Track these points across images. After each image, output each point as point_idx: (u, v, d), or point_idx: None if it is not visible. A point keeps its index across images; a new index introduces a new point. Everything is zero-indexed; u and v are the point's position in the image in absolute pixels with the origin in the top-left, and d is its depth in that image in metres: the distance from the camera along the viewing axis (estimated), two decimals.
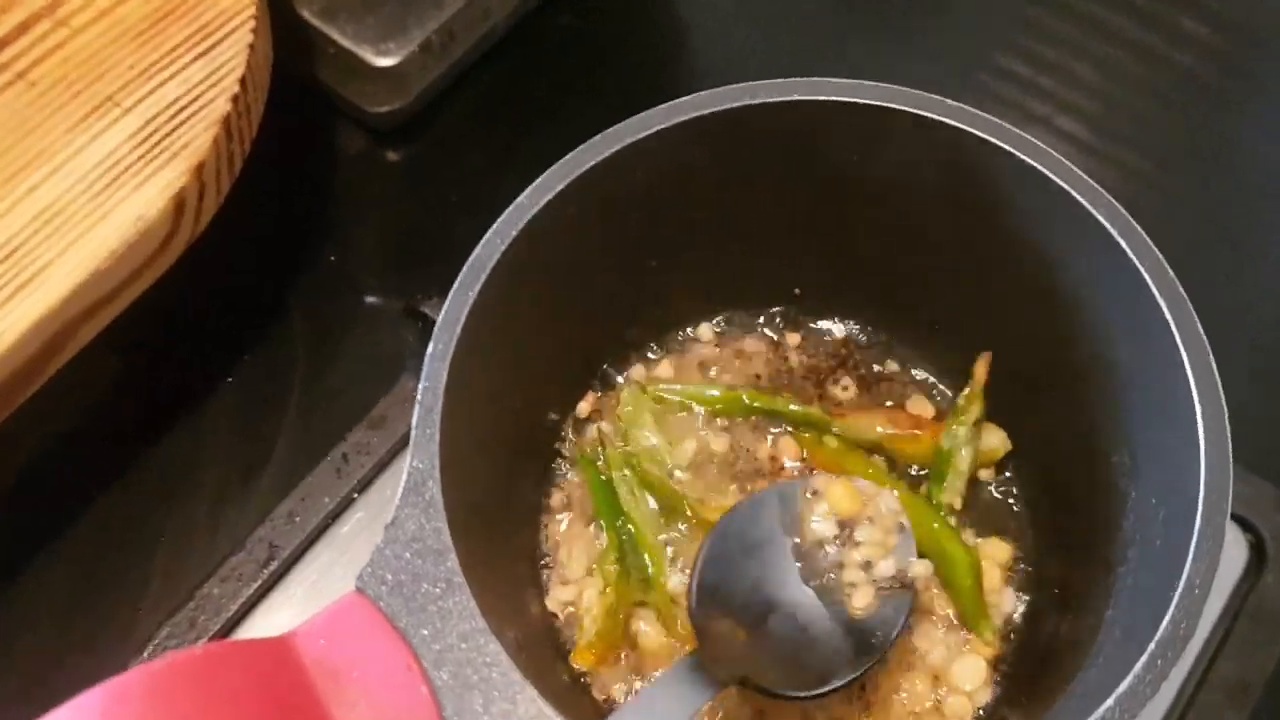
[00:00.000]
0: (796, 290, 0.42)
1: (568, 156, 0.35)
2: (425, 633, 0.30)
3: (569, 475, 0.42)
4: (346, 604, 0.30)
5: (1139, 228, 0.34)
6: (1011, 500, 0.41)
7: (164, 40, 0.45)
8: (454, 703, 0.29)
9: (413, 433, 0.32)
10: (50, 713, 0.26)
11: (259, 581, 0.44)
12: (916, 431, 0.42)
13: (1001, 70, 0.56)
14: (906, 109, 0.35)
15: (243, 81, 0.44)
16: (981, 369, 0.41)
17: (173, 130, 0.43)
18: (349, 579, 0.45)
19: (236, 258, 0.50)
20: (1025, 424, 0.40)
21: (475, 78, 0.55)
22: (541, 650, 0.37)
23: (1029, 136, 0.35)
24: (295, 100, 0.51)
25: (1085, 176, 0.35)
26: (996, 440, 0.41)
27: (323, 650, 0.29)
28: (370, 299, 0.51)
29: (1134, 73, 0.56)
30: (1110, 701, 0.28)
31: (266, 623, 0.44)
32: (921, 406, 0.43)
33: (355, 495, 0.46)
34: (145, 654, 0.43)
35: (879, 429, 0.42)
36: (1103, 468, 0.36)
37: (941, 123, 0.35)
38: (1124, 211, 0.34)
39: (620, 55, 0.57)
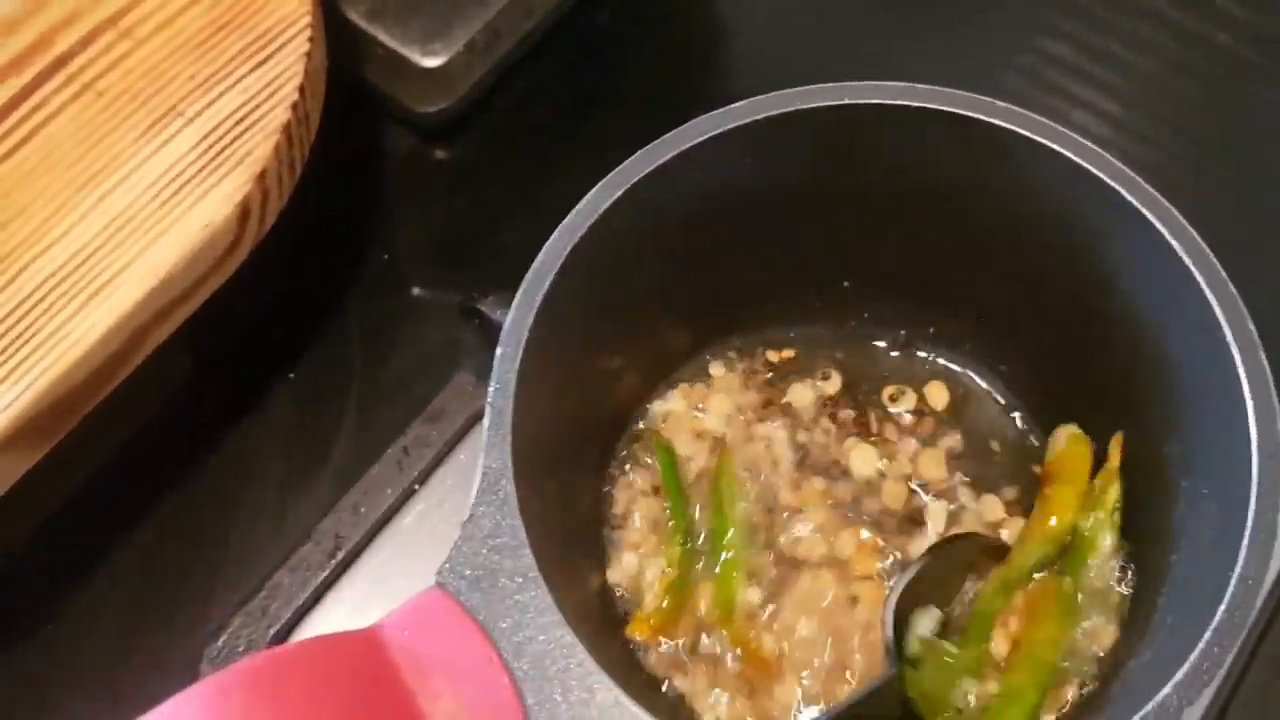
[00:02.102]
0: (845, 283, 0.43)
1: (625, 163, 0.36)
2: (504, 625, 0.31)
3: (636, 460, 0.43)
4: (428, 598, 0.32)
5: (1187, 224, 0.34)
6: None
7: (223, 50, 0.46)
8: (534, 692, 0.31)
9: (485, 434, 0.33)
10: (155, 709, 0.28)
11: (327, 571, 0.46)
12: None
13: (1045, 55, 0.56)
14: (955, 110, 0.36)
15: (301, 89, 0.45)
16: (1115, 451, 0.38)
17: (235, 139, 0.44)
18: (412, 568, 0.47)
19: (290, 258, 0.51)
20: (1080, 412, 0.41)
21: (518, 77, 0.56)
22: (596, 620, 0.38)
23: (1070, 132, 0.36)
24: (343, 101, 0.52)
25: (1125, 168, 0.35)
26: None
27: (407, 642, 0.31)
28: (423, 296, 0.53)
29: (1176, 55, 0.56)
30: (1168, 689, 0.30)
31: (335, 610, 0.46)
32: (939, 394, 0.43)
33: (416, 487, 0.47)
34: (220, 641, 0.45)
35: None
36: (1152, 459, 0.37)
37: (989, 124, 0.36)
38: (1171, 208, 0.35)
39: (658, 54, 0.58)
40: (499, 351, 0.34)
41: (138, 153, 0.44)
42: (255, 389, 0.50)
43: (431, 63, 0.54)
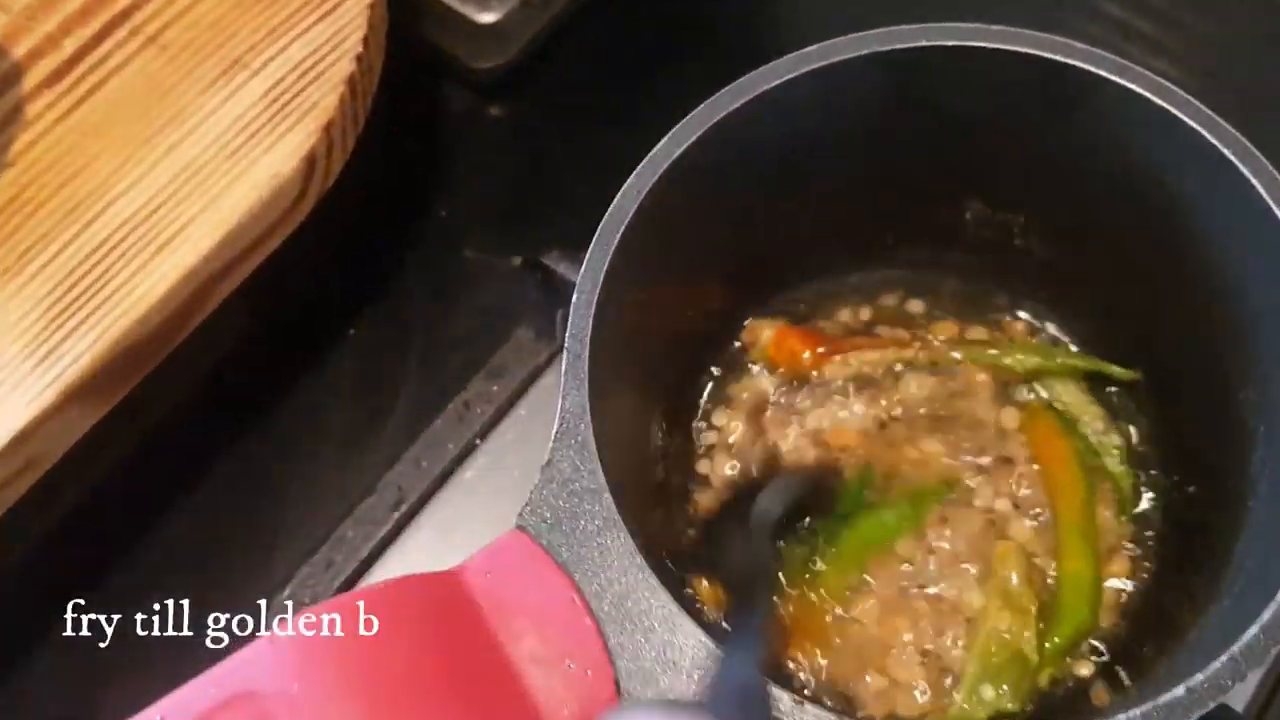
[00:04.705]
0: (926, 245, 0.43)
1: (699, 108, 0.36)
2: (585, 567, 0.31)
3: (708, 409, 0.43)
4: (509, 540, 0.32)
5: (1271, 168, 0.34)
6: (1136, 440, 0.42)
7: (287, 3, 0.46)
8: (616, 634, 0.31)
9: (562, 379, 0.33)
10: (253, 642, 0.29)
11: (389, 524, 0.47)
12: None
13: (1097, 13, 0.55)
14: (1034, 52, 0.36)
15: (365, 41, 0.45)
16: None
17: (300, 91, 0.44)
18: (475, 521, 0.48)
19: (349, 215, 0.51)
20: (1150, 360, 0.41)
21: (574, 33, 0.56)
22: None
23: (1155, 76, 0.35)
24: (399, 58, 0.52)
25: (1210, 112, 0.35)
26: None
27: (489, 584, 0.31)
28: (481, 252, 0.53)
29: (1237, 16, 0.55)
30: (1254, 629, 0.29)
31: (399, 563, 0.47)
32: None
33: (477, 442, 0.48)
34: (286, 592, 0.46)
35: None
36: (1230, 405, 0.36)
37: (1069, 66, 0.36)
38: (1256, 152, 0.34)
39: (715, 8, 0.57)
40: (575, 297, 0.34)
41: (204, 105, 0.44)
42: (317, 345, 0.50)
43: (487, 18, 0.54)
